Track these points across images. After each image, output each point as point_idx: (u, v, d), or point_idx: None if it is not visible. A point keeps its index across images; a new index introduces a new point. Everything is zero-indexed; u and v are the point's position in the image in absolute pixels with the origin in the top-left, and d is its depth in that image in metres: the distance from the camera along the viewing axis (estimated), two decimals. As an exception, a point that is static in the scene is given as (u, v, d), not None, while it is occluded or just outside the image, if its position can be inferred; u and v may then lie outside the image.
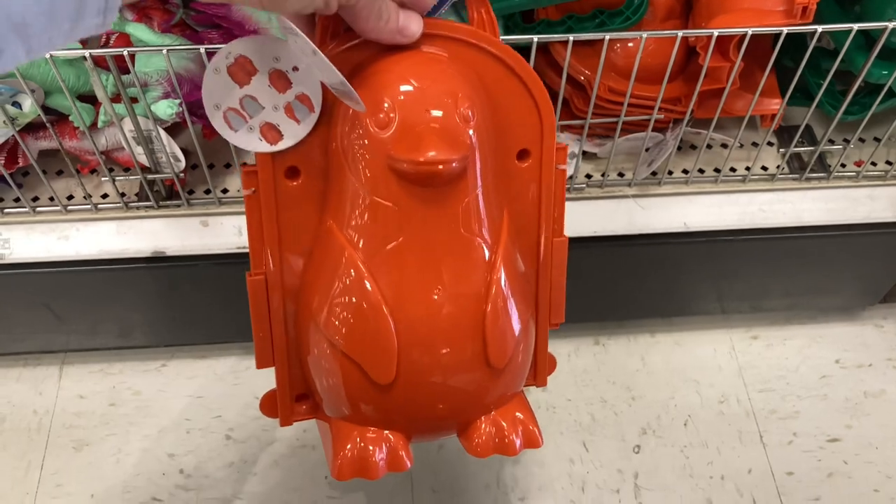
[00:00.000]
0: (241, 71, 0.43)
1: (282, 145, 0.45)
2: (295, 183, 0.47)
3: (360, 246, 0.46)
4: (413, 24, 0.43)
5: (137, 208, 0.75)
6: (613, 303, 0.97)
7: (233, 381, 0.96)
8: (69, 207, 0.75)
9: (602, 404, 0.95)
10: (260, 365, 0.51)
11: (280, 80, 0.43)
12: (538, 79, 0.48)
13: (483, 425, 0.51)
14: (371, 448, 0.49)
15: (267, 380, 0.52)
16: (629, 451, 0.91)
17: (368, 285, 0.46)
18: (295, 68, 0.43)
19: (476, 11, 0.47)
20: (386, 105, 0.43)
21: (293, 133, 0.44)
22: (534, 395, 0.95)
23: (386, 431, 0.50)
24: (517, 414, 0.52)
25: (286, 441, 0.91)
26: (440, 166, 0.43)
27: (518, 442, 0.52)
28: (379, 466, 0.49)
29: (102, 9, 0.32)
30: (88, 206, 0.75)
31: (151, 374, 0.96)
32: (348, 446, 0.49)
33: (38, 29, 0.31)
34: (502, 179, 0.49)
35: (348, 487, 0.88)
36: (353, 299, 0.46)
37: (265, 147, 0.44)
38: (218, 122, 0.43)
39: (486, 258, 0.48)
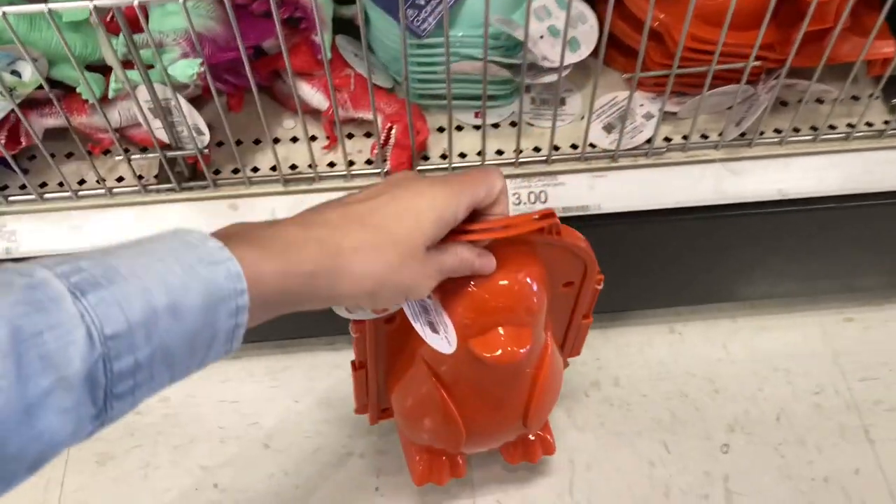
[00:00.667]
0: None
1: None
2: (390, 325, 0.61)
3: (443, 373, 0.61)
4: (489, 263, 0.52)
5: (157, 192, 0.67)
6: (690, 285, 0.87)
7: (270, 384, 0.88)
8: (80, 193, 0.67)
9: (682, 399, 0.85)
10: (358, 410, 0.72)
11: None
12: (583, 242, 0.57)
13: (516, 444, 0.76)
14: (440, 460, 0.75)
15: (307, 381, 0.56)
16: (716, 451, 0.81)
17: (447, 398, 0.62)
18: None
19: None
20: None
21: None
22: (605, 391, 0.86)
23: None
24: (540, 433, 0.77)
25: (330, 449, 0.82)
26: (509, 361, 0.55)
27: (539, 451, 0.76)
28: (445, 474, 0.75)
29: (231, 337, 0.38)
30: (102, 192, 0.67)
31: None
32: (419, 459, 0.75)
33: (180, 359, 0.36)
34: (550, 299, 0.58)
35: (402, 498, 0.79)
36: (435, 411, 0.64)
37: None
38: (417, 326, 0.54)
39: (530, 376, 0.63)
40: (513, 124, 0.72)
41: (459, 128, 0.72)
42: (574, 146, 0.71)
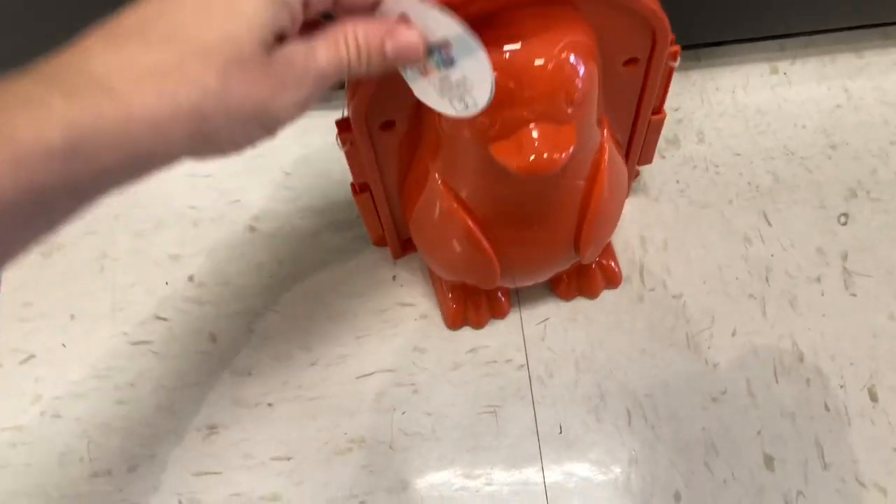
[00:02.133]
0: None
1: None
2: (390, 133, 0.47)
3: (464, 189, 0.47)
4: (408, 38, 0.35)
5: None
6: (798, 7, 0.65)
7: (251, 152, 0.69)
8: None
9: (787, 158, 0.66)
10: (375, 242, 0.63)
11: None
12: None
13: (570, 274, 0.60)
14: (478, 297, 0.60)
15: (299, 148, 0.55)
16: (832, 223, 0.64)
17: (472, 226, 0.48)
18: None
19: None
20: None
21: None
22: (686, 149, 0.67)
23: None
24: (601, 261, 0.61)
25: (331, 228, 0.65)
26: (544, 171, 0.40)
27: (600, 283, 0.61)
28: (483, 314, 0.60)
29: None
30: None
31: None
32: (452, 297, 0.60)
33: None
34: (605, 83, 0.45)
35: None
36: (459, 241, 0.50)
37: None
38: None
39: (582, 189, 0.48)
40: None
41: None
42: None
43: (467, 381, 0.59)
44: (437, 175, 0.48)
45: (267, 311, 0.63)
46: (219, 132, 0.31)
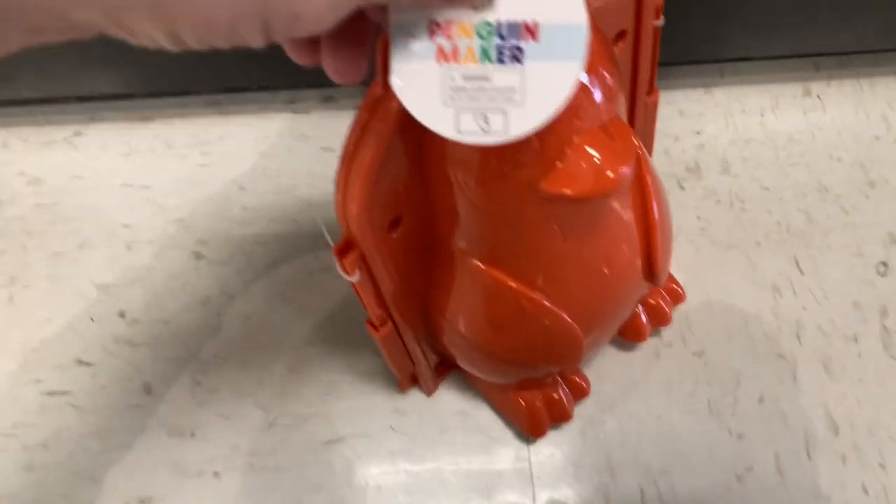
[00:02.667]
0: None
1: None
2: (399, 233, 0.38)
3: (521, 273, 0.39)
4: None
5: None
6: (833, 25, 0.58)
7: (199, 160, 0.59)
8: None
9: (821, 195, 0.59)
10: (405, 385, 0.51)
11: None
12: None
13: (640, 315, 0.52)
14: (556, 395, 0.50)
15: (256, 157, 0.45)
16: (870, 272, 0.57)
17: (539, 299, 0.40)
18: None
19: None
20: None
21: None
22: (708, 181, 0.59)
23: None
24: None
25: (294, 257, 0.55)
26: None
27: (670, 304, 0.53)
28: (566, 404, 0.50)
29: None
30: None
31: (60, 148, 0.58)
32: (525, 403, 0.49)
33: None
34: None
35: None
36: (526, 324, 0.42)
37: None
38: None
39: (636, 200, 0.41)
40: None
41: None
42: None
43: (455, 451, 0.50)
44: (462, 253, 0.39)
45: (214, 357, 0.53)
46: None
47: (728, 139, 0.60)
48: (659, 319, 0.53)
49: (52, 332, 0.53)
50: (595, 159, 0.33)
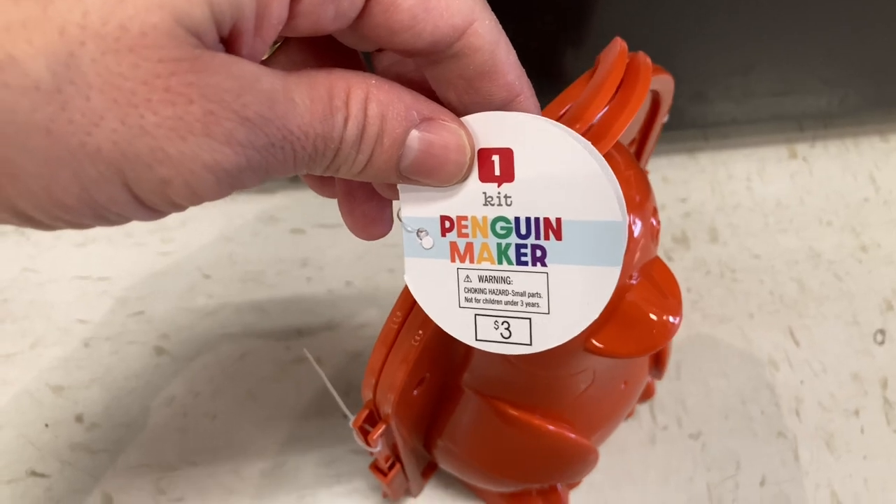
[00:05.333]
0: None
1: None
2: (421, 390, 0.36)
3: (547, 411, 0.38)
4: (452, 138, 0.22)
5: None
6: (817, 86, 0.57)
7: (160, 248, 0.56)
8: None
9: (813, 262, 0.58)
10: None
11: None
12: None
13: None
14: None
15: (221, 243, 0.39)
16: (868, 342, 0.55)
17: (557, 431, 0.39)
18: None
19: None
20: None
21: None
22: (697, 250, 0.58)
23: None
24: None
25: (264, 349, 0.53)
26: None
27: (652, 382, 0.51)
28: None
29: None
30: None
31: (10, 239, 0.55)
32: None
33: None
34: None
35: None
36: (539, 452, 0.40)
37: None
38: None
39: None
40: None
41: None
42: None
43: (443, 557, 0.48)
44: (475, 394, 0.38)
45: (181, 462, 0.50)
46: (20, 164, 0.17)
47: (715, 206, 0.59)
48: (648, 392, 0.52)
49: (3, 443, 0.50)
50: (649, 316, 0.30)
